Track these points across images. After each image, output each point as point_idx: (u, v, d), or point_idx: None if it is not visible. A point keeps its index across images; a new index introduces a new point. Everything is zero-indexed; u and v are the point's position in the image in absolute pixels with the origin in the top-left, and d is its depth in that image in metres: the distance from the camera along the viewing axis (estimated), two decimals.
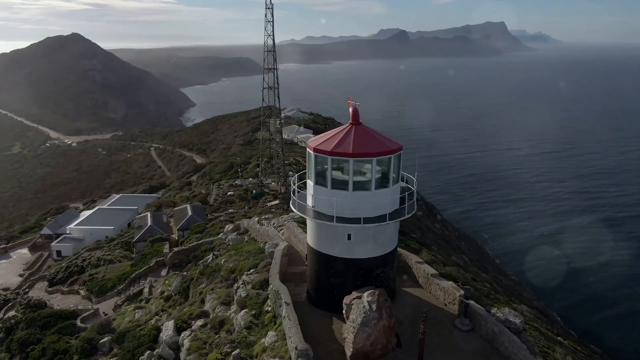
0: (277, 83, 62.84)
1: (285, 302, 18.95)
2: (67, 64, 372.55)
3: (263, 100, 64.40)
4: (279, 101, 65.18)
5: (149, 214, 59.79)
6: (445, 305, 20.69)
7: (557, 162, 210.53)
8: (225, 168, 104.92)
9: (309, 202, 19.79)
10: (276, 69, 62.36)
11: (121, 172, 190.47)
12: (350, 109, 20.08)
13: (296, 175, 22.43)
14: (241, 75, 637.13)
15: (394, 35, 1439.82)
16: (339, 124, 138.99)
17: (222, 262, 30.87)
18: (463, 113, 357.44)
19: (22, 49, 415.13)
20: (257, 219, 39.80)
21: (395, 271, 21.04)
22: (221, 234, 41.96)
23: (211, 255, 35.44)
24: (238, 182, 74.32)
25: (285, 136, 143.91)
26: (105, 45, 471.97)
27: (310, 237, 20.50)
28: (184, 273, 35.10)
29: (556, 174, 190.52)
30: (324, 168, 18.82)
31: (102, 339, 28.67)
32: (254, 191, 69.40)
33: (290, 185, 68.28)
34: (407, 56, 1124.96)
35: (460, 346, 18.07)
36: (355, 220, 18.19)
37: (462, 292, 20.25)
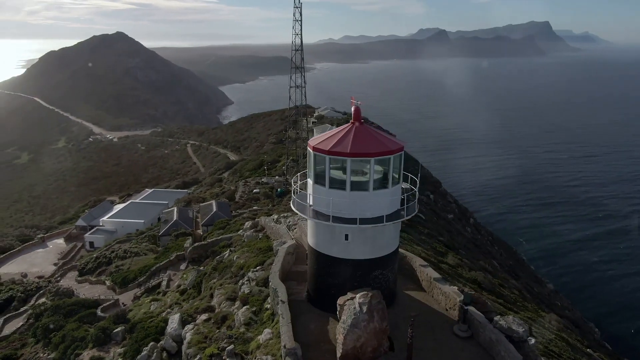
0: (305, 82, 62.96)
1: (281, 300, 18.98)
2: (111, 61, 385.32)
3: (290, 99, 64.73)
4: (306, 100, 65.23)
5: (175, 209, 61.13)
6: (447, 310, 20.23)
7: (599, 165, 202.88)
8: (255, 166, 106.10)
9: (309, 201, 19.74)
10: (303, 67, 62.49)
11: (158, 168, 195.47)
12: (352, 108, 19.88)
13: (299, 174, 22.41)
14: (279, 74, 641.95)
15: (433, 35, 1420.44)
16: (372, 124, 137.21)
17: (234, 258, 31.22)
18: (503, 114, 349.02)
19: (69, 47, 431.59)
20: (275, 217, 40.02)
21: (395, 274, 20.72)
22: (241, 230, 42.39)
23: (228, 251, 35.88)
24: (264, 179, 75.00)
25: (317, 135, 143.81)
26: (148, 43, 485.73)
27: (309, 237, 20.45)
28: (200, 268, 35.72)
29: (597, 178, 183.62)
30: (323, 167, 18.72)
31: (116, 328, 29.54)
32: (278, 189, 69.87)
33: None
34: (446, 56, 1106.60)
35: (455, 353, 17.63)
36: (353, 221, 18.01)
37: (462, 297, 19.73)
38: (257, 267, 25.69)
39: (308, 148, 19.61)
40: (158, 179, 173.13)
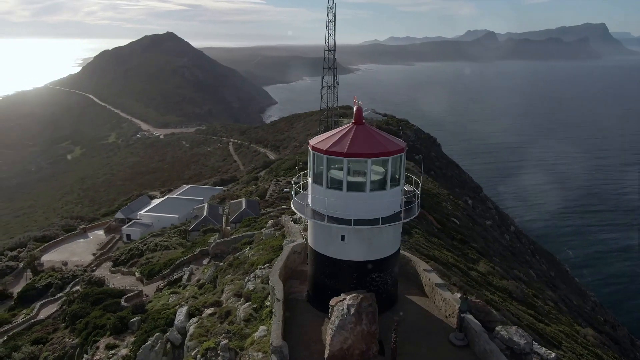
0: (337, 82, 63.00)
1: (277, 298, 19.08)
2: (161, 61, 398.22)
3: (322, 99, 64.94)
4: (338, 101, 65.26)
5: (206, 205, 62.59)
6: (446, 317, 19.74)
7: None
8: (290, 165, 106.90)
9: (308, 200, 19.76)
10: (335, 68, 62.51)
11: (200, 165, 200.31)
12: (354, 108, 19.75)
13: (302, 173, 22.45)
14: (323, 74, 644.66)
15: (482, 37, 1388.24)
16: (413, 126, 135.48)
17: (249, 255, 31.63)
18: (553, 118, 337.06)
19: (122, 46, 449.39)
20: (296, 216, 40.24)
21: (395, 277, 20.38)
22: (264, 228, 42.87)
23: (248, 248, 36.38)
24: (295, 179, 75.27)
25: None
26: (196, 43, 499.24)
27: (309, 236, 20.48)
28: (219, 263, 36.40)
29: None
30: (321, 167, 18.69)
31: (133, 318, 30.54)
32: None
33: None
34: (494, 58, 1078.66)
35: None
36: (348, 222, 17.88)
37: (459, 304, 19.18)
38: (265, 265, 25.96)
39: (308, 147, 19.64)
40: (199, 175, 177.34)
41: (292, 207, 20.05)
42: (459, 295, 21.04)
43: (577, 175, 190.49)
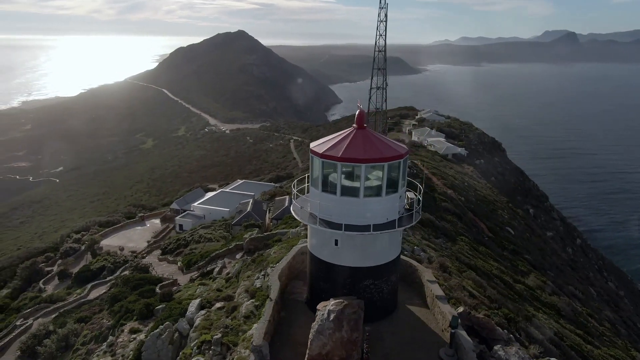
0: (386, 83, 62.23)
1: (270, 298, 19.28)
2: (231, 58, 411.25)
3: (370, 100, 64.43)
4: (387, 104, 64.46)
5: (251, 201, 64.06)
6: (442, 331, 19.05)
7: None
8: None
9: (305, 203, 19.76)
10: (385, 69, 61.72)
11: (261, 160, 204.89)
12: (357, 112, 19.50)
13: (306, 175, 22.43)
14: (389, 74, 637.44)
15: (561, 38, 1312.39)
16: (476, 130, 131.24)
17: (272, 253, 32.11)
18: (633, 125, 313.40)
19: (196, 43, 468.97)
20: None
21: (393, 286, 19.89)
22: (298, 227, 43.31)
23: (275, 245, 36.93)
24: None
25: (415, 138, 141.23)
26: (266, 41, 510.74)
27: (307, 239, 20.49)
28: (247, 258, 37.20)
29: None
30: (318, 170, 18.64)
31: (159, 305, 31.96)
32: None
33: None
34: (575, 60, 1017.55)
35: None
36: (339, 226, 17.72)
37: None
38: (277, 264, 26.21)
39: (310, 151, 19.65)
40: (259, 171, 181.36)
41: (292, 210, 20.15)
42: (461, 309, 20.27)
43: None
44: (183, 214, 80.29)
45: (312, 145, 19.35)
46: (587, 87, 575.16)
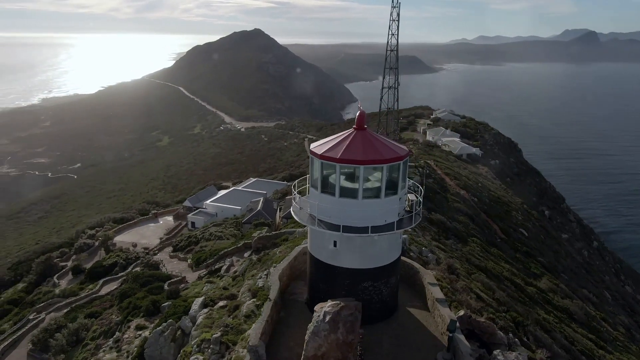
0: (398, 83, 61.90)
1: (269, 298, 19.34)
2: (247, 56, 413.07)
3: (381, 99, 64.15)
4: (398, 104, 64.14)
5: (261, 199, 64.30)
6: (442, 334, 18.90)
7: None
8: None
9: (305, 204, 19.76)
10: (397, 69, 61.38)
11: (275, 159, 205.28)
12: (357, 114, 19.44)
13: (307, 176, 22.42)
14: (405, 73, 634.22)
15: (581, 37, 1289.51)
16: (492, 130, 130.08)
17: (277, 252, 32.19)
18: None
19: (213, 42, 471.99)
20: None
21: (392, 287, 19.78)
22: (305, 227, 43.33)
23: (282, 245, 37.00)
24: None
25: (429, 138, 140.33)
26: (282, 40, 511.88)
27: (308, 239, 20.50)
28: (253, 257, 37.37)
29: None
30: (317, 171, 18.63)
31: (165, 303, 32.29)
32: None
33: None
34: (595, 60, 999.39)
35: None
36: (337, 228, 17.69)
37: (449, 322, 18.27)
38: (279, 264, 26.27)
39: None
40: (272, 169, 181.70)
41: (292, 210, 20.17)
42: (462, 312, 20.09)
43: None
44: (195, 211, 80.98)
45: (312, 146, 19.35)
46: (607, 87, 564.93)
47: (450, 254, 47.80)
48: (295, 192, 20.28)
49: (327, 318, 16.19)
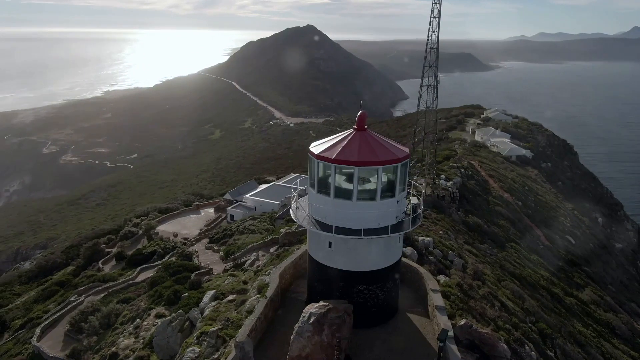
0: (438, 81, 60.32)
1: (266, 295, 19.49)
2: (300, 52, 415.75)
3: (419, 98, 62.74)
4: (437, 104, 62.47)
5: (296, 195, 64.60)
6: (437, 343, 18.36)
7: None
8: None
9: (306, 204, 19.75)
10: (437, 67, 59.75)
11: None
12: (358, 114, 19.16)
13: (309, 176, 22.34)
14: (459, 71, 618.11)
15: None
16: (546, 131, 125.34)
17: (296, 249, 32.32)
18: None
19: (266, 38, 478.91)
20: None
21: (389, 291, 19.39)
22: None
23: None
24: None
25: (478, 138, 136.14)
26: (335, 36, 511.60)
27: (307, 239, 20.47)
28: (274, 253, 37.74)
29: None
30: (315, 171, 18.54)
31: (185, 293, 33.22)
32: None
33: (439, 188, 64.97)
34: None
35: None
36: (330, 228, 17.55)
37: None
38: (282, 262, 26.41)
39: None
40: None
41: (291, 210, 20.21)
42: (463, 322, 19.46)
43: None
44: (235, 204, 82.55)
45: (312, 145, 19.29)
46: None
47: (482, 259, 46.35)
48: (295, 193, 20.29)
49: (312, 319, 16.14)
